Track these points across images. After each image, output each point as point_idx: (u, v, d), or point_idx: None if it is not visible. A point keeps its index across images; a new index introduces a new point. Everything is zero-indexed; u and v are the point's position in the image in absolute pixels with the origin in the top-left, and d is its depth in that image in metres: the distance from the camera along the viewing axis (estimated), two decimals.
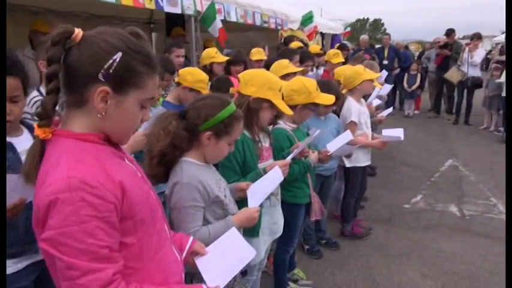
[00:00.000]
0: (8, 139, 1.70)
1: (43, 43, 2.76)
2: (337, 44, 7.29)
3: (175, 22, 6.73)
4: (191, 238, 1.45)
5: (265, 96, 2.11)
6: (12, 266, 1.74)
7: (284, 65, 3.62)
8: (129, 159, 1.18)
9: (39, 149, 1.03)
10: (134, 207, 1.05)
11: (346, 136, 2.92)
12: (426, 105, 11.08)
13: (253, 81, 2.14)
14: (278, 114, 2.52)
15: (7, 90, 1.60)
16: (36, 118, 1.03)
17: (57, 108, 1.06)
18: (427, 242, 3.95)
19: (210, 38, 5.86)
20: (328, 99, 2.65)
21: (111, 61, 0.99)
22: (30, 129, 1.76)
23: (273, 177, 1.93)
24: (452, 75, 9.14)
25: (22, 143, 1.68)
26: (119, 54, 1.00)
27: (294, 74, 3.42)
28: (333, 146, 2.84)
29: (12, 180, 1.50)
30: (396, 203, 4.92)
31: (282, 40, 6.54)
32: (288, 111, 2.19)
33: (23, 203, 1.59)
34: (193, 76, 2.87)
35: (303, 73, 4.16)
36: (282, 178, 1.94)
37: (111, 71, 0.99)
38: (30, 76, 1.75)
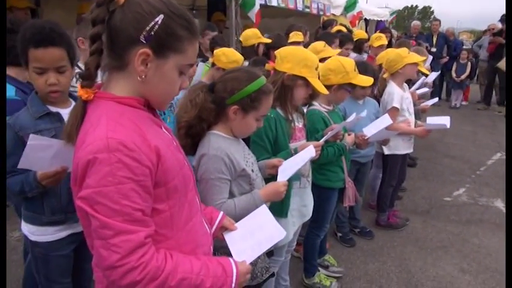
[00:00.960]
0: (56, 109, 1.77)
1: (84, 20, 2.85)
2: (379, 31, 7.02)
3: (217, 7, 6.77)
4: (221, 213, 1.45)
5: (300, 73, 2.06)
6: (55, 234, 1.82)
7: (318, 48, 3.54)
8: (165, 128, 1.19)
9: (81, 110, 1.06)
10: (168, 174, 1.06)
11: (385, 120, 2.80)
12: (475, 97, 10.50)
13: (289, 58, 2.10)
14: (313, 95, 2.48)
15: (53, 61, 1.67)
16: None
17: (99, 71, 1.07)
18: (468, 237, 3.76)
19: (250, 24, 5.84)
20: (366, 80, 2.57)
21: (153, 23, 0.99)
22: None
23: (305, 156, 1.89)
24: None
25: None
26: (161, 17, 1.00)
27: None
28: (370, 130, 2.74)
29: (55, 146, 1.57)
30: (436, 195, 4.71)
31: (320, 26, 6.39)
32: (324, 90, 2.13)
33: (64, 171, 1.65)
34: (227, 57, 2.87)
35: (346, 55, 4.07)
36: (313, 155, 1.90)
37: (152, 33, 1.00)
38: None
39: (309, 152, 1.89)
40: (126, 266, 0.95)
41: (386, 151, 3.57)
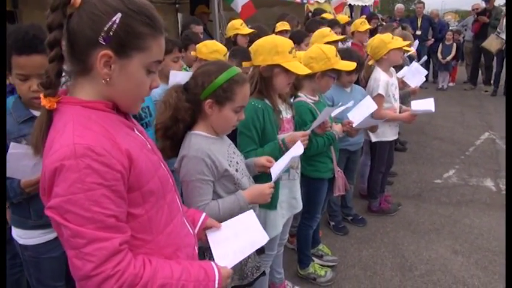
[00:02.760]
0: (37, 113, 1.73)
1: None
2: (364, 16, 6.97)
3: (199, 1, 6.68)
4: (204, 214, 1.43)
5: (273, 62, 2.03)
6: (43, 236, 1.80)
7: (325, 33, 3.56)
8: (139, 130, 1.15)
9: (46, 119, 1.02)
10: (142, 178, 1.03)
11: (369, 105, 2.77)
12: (462, 77, 10.56)
13: (260, 50, 2.07)
14: (297, 85, 2.46)
15: (36, 68, 1.61)
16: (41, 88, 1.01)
17: (63, 78, 1.04)
18: (459, 218, 3.80)
19: (235, 16, 5.77)
20: (349, 65, 2.55)
21: (110, 23, 0.95)
22: None
23: (293, 152, 1.87)
24: (491, 43, 8.62)
25: None
26: (119, 15, 0.96)
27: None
28: (355, 115, 2.71)
29: (23, 146, 1.54)
30: (427, 178, 4.75)
31: (310, 14, 6.31)
32: (301, 70, 2.08)
33: None
34: (207, 47, 2.84)
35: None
36: (302, 151, 1.88)
37: (111, 33, 0.96)
38: None
39: (298, 148, 1.86)
40: (101, 275, 0.92)
41: (373, 138, 3.57)
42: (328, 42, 3.22)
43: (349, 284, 2.92)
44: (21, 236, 1.81)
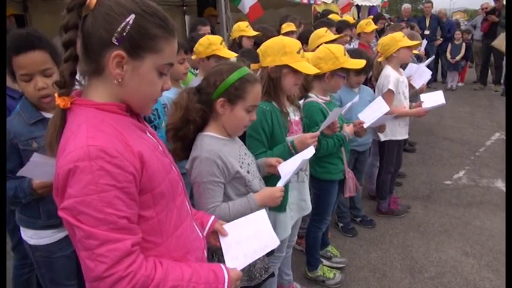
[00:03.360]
0: (50, 115, 1.73)
1: None
2: (371, 16, 6.93)
3: (207, 3, 6.71)
4: (212, 217, 1.43)
5: (281, 62, 2.03)
6: (54, 236, 1.81)
7: (320, 34, 3.54)
8: (150, 133, 1.16)
9: (60, 118, 1.03)
10: (153, 180, 1.03)
11: (380, 106, 2.75)
12: (471, 77, 10.45)
13: (268, 51, 2.08)
14: (307, 86, 2.46)
15: (36, 65, 1.64)
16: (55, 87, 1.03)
17: (78, 77, 1.05)
18: (470, 219, 3.76)
19: (243, 18, 5.77)
20: (358, 63, 2.53)
21: (124, 24, 0.97)
22: None
23: (305, 155, 1.85)
24: (501, 42, 8.50)
25: None
26: (132, 17, 0.97)
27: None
28: (366, 116, 2.70)
29: (46, 158, 1.54)
30: (436, 179, 4.70)
31: (319, 15, 6.30)
32: (310, 70, 2.09)
33: None
34: (201, 45, 2.83)
35: (343, 43, 4.00)
36: (312, 154, 1.87)
37: (124, 34, 0.97)
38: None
39: (309, 151, 1.84)
40: (113, 276, 0.93)
41: (382, 137, 3.55)
42: (326, 42, 3.20)
43: (358, 286, 2.90)
44: (32, 236, 1.81)
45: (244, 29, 4.04)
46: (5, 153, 1.68)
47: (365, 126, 2.64)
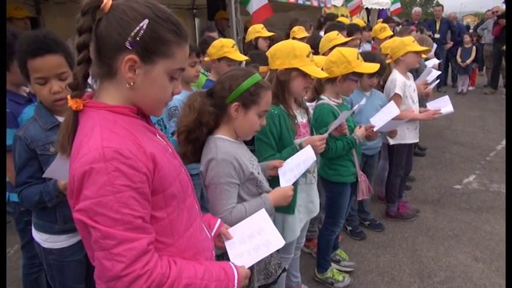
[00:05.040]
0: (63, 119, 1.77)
1: None
2: (380, 20, 6.90)
3: (217, 6, 6.75)
4: (219, 220, 1.45)
5: (290, 66, 2.05)
6: (68, 240, 1.83)
7: (331, 37, 3.55)
8: (160, 135, 1.18)
9: (73, 120, 1.05)
10: (165, 181, 1.05)
11: (391, 109, 2.76)
12: (482, 81, 10.36)
13: (278, 54, 2.10)
14: (319, 89, 2.47)
15: (52, 68, 1.64)
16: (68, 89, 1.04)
17: (90, 81, 1.07)
18: (480, 224, 3.73)
19: (251, 20, 5.81)
20: (370, 67, 2.52)
21: (137, 28, 0.98)
22: None
23: (304, 155, 1.87)
24: None
25: None
26: (146, 21, 0.99)
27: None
28: (377, 120, 2.71)
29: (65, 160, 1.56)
30: (446, 183, 4.67)
31: (322, 19, 6.32)
32: (319, 74, 2.11)
33: None
34: (214, 47, 2.89)
35: (353, 46, 4.00)
36: (315, 157, 1.88)
37: (138, 38, 0.98)
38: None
39: (308, 153, 1.86)
40: (131, 274, 0.95)
41: (391, 141, 3.54)
42: (334, 46, 3.20)
43: None
44: (46, 240, 1.83)
45: (260, 30, 4.10)
46: (5, 153, 1.68)
47: (375, 129, 2.65)
